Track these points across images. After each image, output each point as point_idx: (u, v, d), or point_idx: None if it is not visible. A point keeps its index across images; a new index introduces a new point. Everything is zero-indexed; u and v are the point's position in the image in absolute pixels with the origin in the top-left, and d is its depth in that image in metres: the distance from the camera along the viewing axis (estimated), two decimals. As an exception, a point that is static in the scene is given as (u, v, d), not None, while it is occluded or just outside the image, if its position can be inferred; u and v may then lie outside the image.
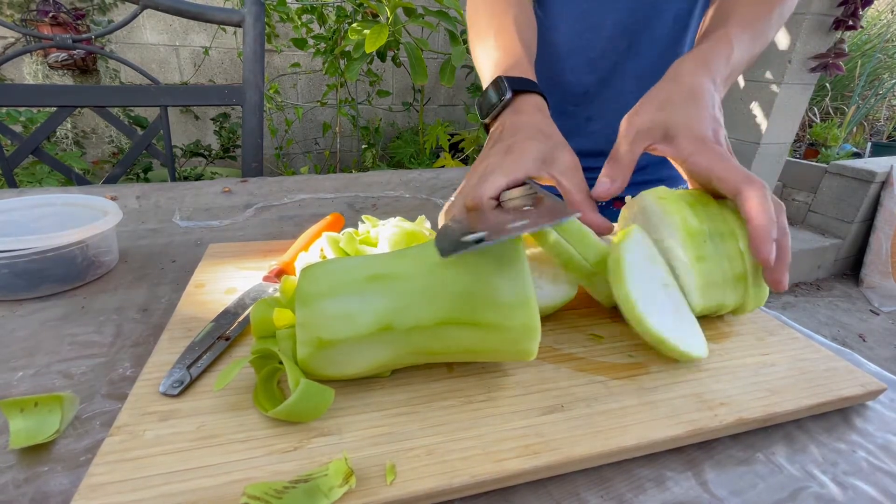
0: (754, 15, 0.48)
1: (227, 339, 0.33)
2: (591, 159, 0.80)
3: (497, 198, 0.36)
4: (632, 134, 0.39)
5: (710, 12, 0.52)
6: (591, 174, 0.40)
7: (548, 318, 0.39)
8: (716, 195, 0.37)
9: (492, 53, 0.52)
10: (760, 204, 0.32)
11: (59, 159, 0.98)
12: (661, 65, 0.70)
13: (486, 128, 0.49)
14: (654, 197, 0.37)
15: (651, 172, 0.80)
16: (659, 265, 0.35)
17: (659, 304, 0.32)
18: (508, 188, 0.37)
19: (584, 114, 0.75)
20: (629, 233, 0.33)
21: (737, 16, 0.47)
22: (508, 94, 0.45)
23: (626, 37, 0.68)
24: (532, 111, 0.45)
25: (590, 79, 0.72)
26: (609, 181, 0.39)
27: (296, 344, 0.28)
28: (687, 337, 0.32)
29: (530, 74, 0.49)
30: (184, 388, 0.29)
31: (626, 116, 0.40)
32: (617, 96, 0.73)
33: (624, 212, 0.42)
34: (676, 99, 0.39)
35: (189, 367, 0.30)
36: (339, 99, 2.34)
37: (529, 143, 0.39)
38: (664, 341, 0.31)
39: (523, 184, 0.37)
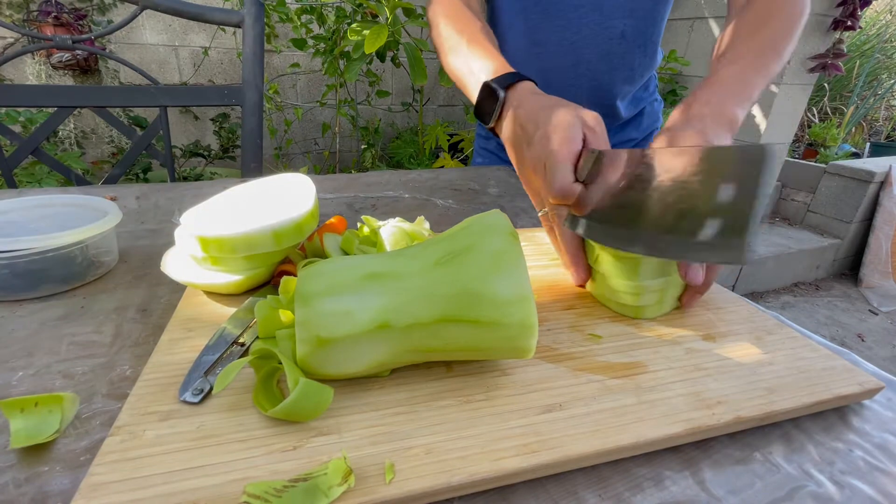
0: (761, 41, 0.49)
1: (241, 345, 0.33)
2: None
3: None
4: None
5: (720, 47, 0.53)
6: None
7: (547, 317, 0.39)
8: None
9: (470, 63, 0.53)
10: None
11: (59, 159, 0.98)
12: (609, 79, 0.74)
13: (494, 133, 0.50)
14: None
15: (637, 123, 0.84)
16: None
17: None
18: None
19: None
20: None
21: (740, 45, 0.49)
22: (501, 94, 0.46)
23: (573, 53, 0.71)
24: (529, 95, 0.45)
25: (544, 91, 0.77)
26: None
27: (295, 343, 0.28)
28: None
29: (509, 67, 0.50)
30: (204, 395, 0.29)
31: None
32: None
33: None
34: None
35: (207, 374, 0.30)
36: (338, 99, 2.34)
37: (559, 120, 0.40)
38: None
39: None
